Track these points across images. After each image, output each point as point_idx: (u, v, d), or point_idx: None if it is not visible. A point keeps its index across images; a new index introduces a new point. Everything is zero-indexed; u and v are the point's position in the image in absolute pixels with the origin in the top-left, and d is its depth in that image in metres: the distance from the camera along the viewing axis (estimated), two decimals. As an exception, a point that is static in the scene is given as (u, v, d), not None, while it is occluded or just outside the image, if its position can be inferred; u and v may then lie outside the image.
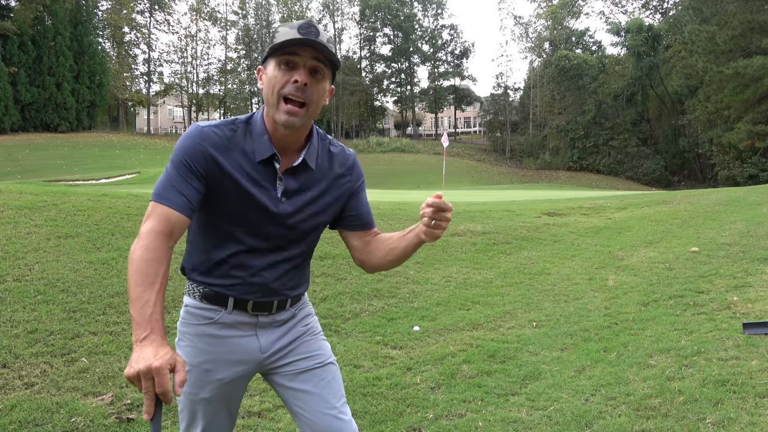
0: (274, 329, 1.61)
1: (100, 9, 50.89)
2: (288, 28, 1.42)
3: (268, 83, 1.45)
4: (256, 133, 1.49)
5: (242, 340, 1.58)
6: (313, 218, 1.59)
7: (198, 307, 1.57)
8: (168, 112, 67.39)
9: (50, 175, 24.19)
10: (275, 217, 1.51)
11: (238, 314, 1.56)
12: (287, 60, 1.42)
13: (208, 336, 1.56)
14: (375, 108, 64.31)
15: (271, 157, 1.48)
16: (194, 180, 1.44)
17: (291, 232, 1.56)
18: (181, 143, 1.47)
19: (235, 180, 1.47)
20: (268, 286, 1.56)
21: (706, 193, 12.67)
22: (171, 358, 1.26)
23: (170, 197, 1.42)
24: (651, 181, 44.34)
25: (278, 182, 1.51)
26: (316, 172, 1.56)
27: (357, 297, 5.06)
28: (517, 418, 2.94)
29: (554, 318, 4.67)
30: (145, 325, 1.28)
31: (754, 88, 32.01)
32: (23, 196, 6.37)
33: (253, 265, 1.54)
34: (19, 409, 2.81)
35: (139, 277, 1.33)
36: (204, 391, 1.56)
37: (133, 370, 1.23)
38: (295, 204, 1.53)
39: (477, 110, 68.43)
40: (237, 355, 1.58)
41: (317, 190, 1.57)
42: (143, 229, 1.40)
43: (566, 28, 57.22)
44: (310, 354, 1.64)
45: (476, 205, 10.55)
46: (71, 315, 3.90)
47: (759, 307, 4.41)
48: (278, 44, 1.40)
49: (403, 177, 39.30)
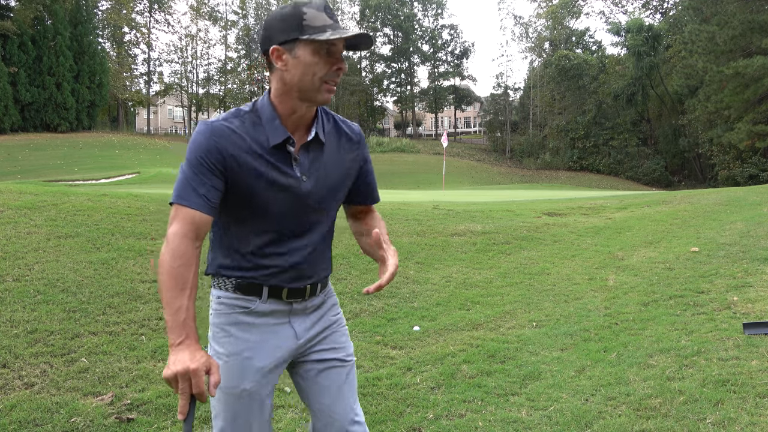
0: (307, 316, 1.64)
1: (100, 9, 50.91)
2: (315, 11, 1.44)
3: (305, 68, 1.45)
4: (266, 119, 1.51)
5: (278, 327, 1.59)
6: (334, 190, 1.61)
7: (232, 298, 1.57)
8: (168, 112, 67.40)
9: (50, 175, 24.18)
10: (301, 197, 1.53)
11: (273, 303, 1.57)
12: (327, 49, 1.45)
13: (245, 324, 1.57)
14: (375, 108, 64.29)
15: (286, 140, 1.51)
16: (213, 178, 1.45)
17: (316, 210, 1.58)
18: (195, 142, 1.47)
19: (255, 168, 1.48)
20: (300, 270, 1.57)
21: (706, 193, 12.67)
22: (207, 361, 1.35)
23: (191, 198, 1.44)
24: (651, 181, 44.34)
25: (294, 163, 1.52)
26: (327, 145, 1.58)
27: (357, 297, 5.06)
28: (517, 418, 2.94)
29: (554, 318, 4.67)
30: (180, 331, 1.37)
31: (754, 88, 32.00)
32: (23, 196, 6.37)
33: (284, 251, 1.55)
34: (19, 409, 2.81)
35: (170, 282, 1.39)
36: (246, 381, 1.54)
37: (171, 372, 1.31)
38: (315, 179, 1.55)
39: (477, 110, 68.43)
40: (275, 342, 1.58)
41: (332, 161, 1.59)
42: (169, 233, 1.43)
43: (566, 28, 57.21)
44: (339, 346, 1.67)
45: (476, 205, 10.55)
46: (71, 315, 3.90)
47: (759, 307, 4.41)
48: (324, 38, 1.42)
49: (403, 177, 39.29)
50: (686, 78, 40.76)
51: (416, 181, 36.12)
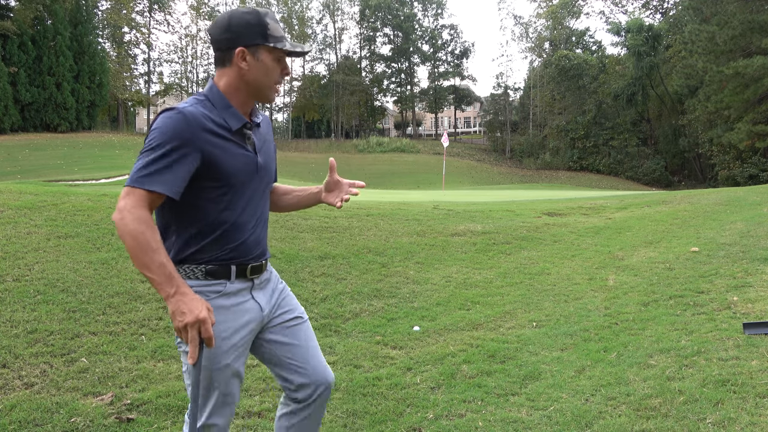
0: (263, 290, 1.85)
1: (100, 9, 50.89)
2: (273, 22, 1.71)
3: (264, 70, 1.72)
4: (222, 107, 1.70)
5: (246, 305, 1.77)
6: (272, 165, 1.89)
7: (203, 285, 1.70)
8: (168, 112, 67.35)
9: (50, 175, 24.17)
10: (258, 171, 1.77)
11: (239, 282, 1.75)
12: (279, 59, 1.74)
13: (220, 308, 1.71)
14: (375, 108, 64.29)
15: (243, 125, 1.73)
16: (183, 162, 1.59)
17: (265, 182, 1.84)
18: (164, 127, 1.58)
19: (222, 146, 1.67)
20: (259, 243, 1.81)
21: (706, 193, 12.66)
22: (206, 303, 1.56)
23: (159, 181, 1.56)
24: (651, 181, 44.33)
25: (248, 142, 1.76)
26: (262, 128, 1.86)
27: (357, 297, 5.06)
28: (517, 418, 2.94)
29: (554, 318, 4.67)
30: (170, 282, 1.52)
31: (754, 88, 31.98)
32: (23, 196, 6.37)
33: (246, 225, 1.76)
34: (19, 409, 2.81)
35: (144, 245, 1.51)
36: (227, 357, 1.71)
37: (181, 323, 1.51)
38: (264, 155, 1.82)
39: (477, 110, 68.43)
40: (246, 318, 1.76)
41: (267, 140, 1.88)
42: (122, 205, 1.53)
43: (566, 28, 57.20)
44: (292, 308, 1.93)
45: (476, 205, 10.55)
46: (71, 315, 3.90)
47: (759, 307, 4.40)
48: (286, 49, 1.73)
49: (403, 177, 39.31)
50: (686, 78, 40.75)
51: (416, 181, 36.13)
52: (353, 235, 6.89)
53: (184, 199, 1.64)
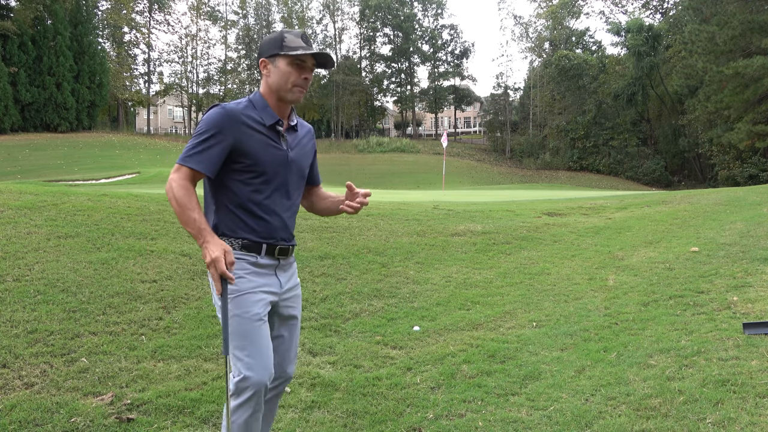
0: (285, 272, 2.23)
1: (100, 9, 50.88)
2: (293, 36, 2.09)
3: (282, 75, 2.09)
4: (260, 107, 2.11)
5: (270, 276, 2.16)
6: (305, 162, 2.24)
7: (240, 255, 2.09)
8: (168, 112, 67.39)
9: (50, 175, 24.18)
10: (288, 163, 2.13)
11: (267, 258, 2.13)
12: (298, 63, 2.09)
13: (251, 271, 2.10)
14: (375, 108, 64.27)
15: (276, 122, 2.12)
16: (219, 146, 2.00)
17: (296, 176, 2.19)
18: (208, 118, 2.03)
19: (256, 138, 2.06)
20: (287, 229, 2.18)
21: (706, 193, 12.66)
22: (224, 248, 1.96)
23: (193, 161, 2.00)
24: (651, 181, 44.32)
25: (282, 139, 2.14)
26: (299, 132, 2.23)
27: (357, 297, 5.06)
28: (517, 418, 2.94)
29: (554, 318, 4.67)
30: (200, 234, 1.95)
31: (754, 88, 31.96)
32: (23, 196, 6.37)
33: (273, 208, 2.12)
34: (19, 409, 2.81)
35: (182, 205, 1.96)
36: (256, 307, 2.06)
37: (205, 263, 1.95)
38: (296, 152, 2.18)
39: (477, 110, 68.41)
40: (269, 286, 2.14)
41: (303, 142, 2.24)
42: (171, 178, 1.99)
43: (566, 28, 57.19)
44: (296, 306, 2.28)
45: (476, 205, 10.55)
46: (71, 315, 3.90)
47: (759, 307, 4.40)
48: (295, 54, 2.06)
49: (403, 177, 39.31)
50: (686, 78, 40.72)
51: (416, 181, 36.13)
52: (353, 235, 6.89)
53: (222, 179, 2.07)
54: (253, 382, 2.01)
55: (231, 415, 2.03)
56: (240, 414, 2.04)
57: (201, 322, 4.11)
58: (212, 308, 4.35)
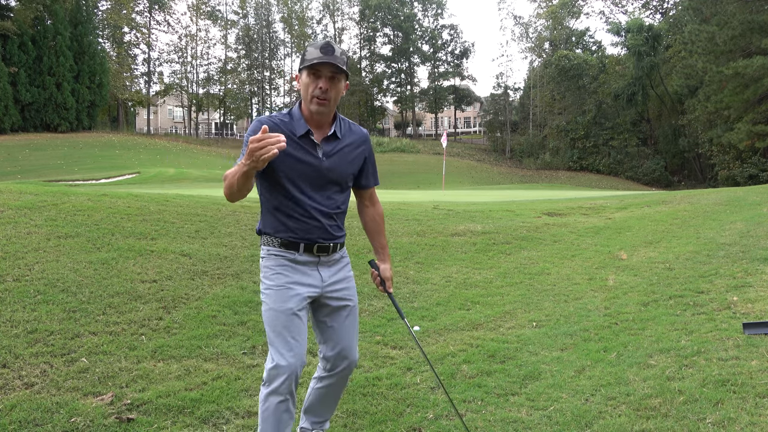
0: (329, 267, 2.36)
1: (100, 9, 50.89)
2: (313, 48, 2.17)
3: (304, 87, 2.22)
4: (296, 118, 2.26)
5: (310, 272, 2.29)
6: (345, 169, 2.32)
7: (279, 250, 2.26)
8: (168, 112, 67.35)
9: (50, 175, 24.18)
10: (322, 171, 2.25)
11: (306, 255, 2.28)
12: (314, 73, 2.18)
13: (289, 267, 2.26)
14: (375, 108, 64.23)
15: (307, 132, 2.24)
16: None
17: (333, 182, 2.29)
18: (250, 127, 2.20)
19: (289, 150, 2.15)
20: (326, 230, 2.28)
21: (706, 193, 12.66)
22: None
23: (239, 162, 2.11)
24: (651, 181, 44.33)
25: (318, 148, 2.25)
26: (342, 139, 2.33)
27: (357, 297, 5.05)
28: (517, 418, 2.94)
29: (554, 318, 4.67)
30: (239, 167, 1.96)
31: (754, 88, 31.96)
32: (23, 196, 6.37)
33: (308, 209, 2.24)
34: (19, 409, 2.81)
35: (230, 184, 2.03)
36: (290, 303, 2.21)
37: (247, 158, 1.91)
38: (333, 161, 2.28)
39: (477, 110, 68.40)
40: (308, 281, 2.28)
41: (345, 151, 2.33)
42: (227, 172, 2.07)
43: (566, 28, 57.20)
44: (346, 297, 2.41)
45: (476, 205, 10.55)
46: (71, 315, 3.90)
47: (759, 307, 4.40)
48: (308, 63, 2.16)
49: (403, 177, 39.29)
50: (686, 78, 40.73)
51: (416, 181, 36.12)
52: (353, 235, 6.89)
53: (263, 185, 2.25)
54: (283, 370, 2.15)
55: (262, 403, 2.20)
56: (271, 401, 2.18)
57: (201, 322, 4.11)
58: (212, 308, 4.35)
